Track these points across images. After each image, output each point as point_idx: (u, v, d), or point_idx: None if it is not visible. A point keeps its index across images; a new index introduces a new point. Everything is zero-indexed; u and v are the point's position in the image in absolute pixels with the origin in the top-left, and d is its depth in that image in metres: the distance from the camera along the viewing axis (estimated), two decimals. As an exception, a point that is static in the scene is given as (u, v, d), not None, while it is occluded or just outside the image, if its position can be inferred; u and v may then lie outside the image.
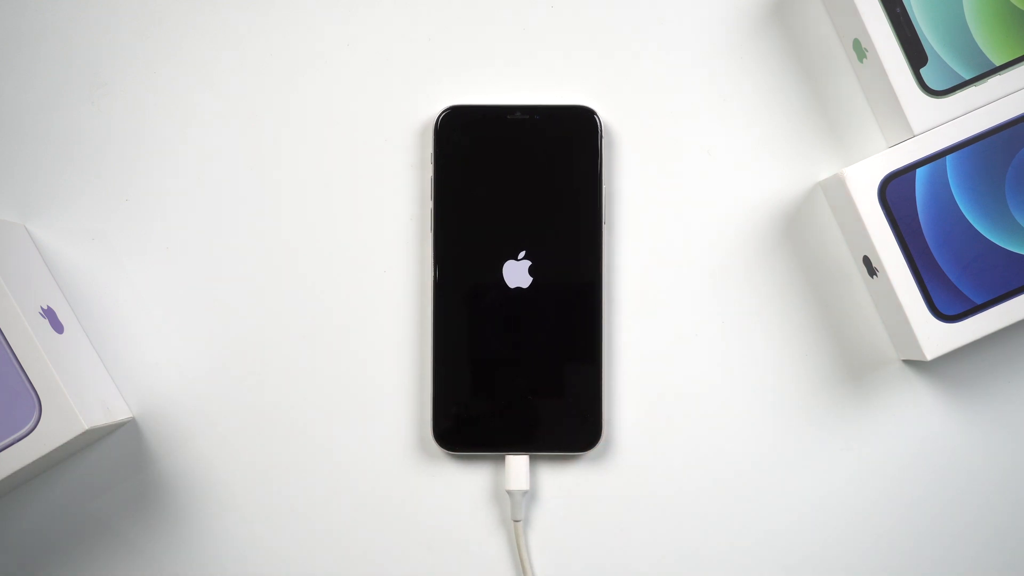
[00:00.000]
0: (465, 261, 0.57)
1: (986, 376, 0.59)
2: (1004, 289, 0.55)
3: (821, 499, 0.58)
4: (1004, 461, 0.59)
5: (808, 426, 0.58)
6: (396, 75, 0.59)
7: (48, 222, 0.58)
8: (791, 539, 0.58)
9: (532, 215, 0.57)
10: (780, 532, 0.58)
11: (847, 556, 0.58)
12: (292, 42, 0.59)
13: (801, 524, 0.58)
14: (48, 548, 0.58)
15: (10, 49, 0.58)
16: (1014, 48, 0.55)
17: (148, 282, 0.58)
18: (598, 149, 0.57)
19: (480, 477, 0.59)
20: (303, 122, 0.59)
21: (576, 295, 0.57)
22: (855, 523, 0.59)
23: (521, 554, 0.58)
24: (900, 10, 0.55)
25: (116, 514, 0.58)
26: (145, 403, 0.58)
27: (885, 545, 0.59)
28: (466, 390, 0.57)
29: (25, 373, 0.52)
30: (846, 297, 0.59)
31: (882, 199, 0.55)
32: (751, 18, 0.59)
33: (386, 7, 0.59)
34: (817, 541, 0.58)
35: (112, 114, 0.58)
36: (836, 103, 0.59)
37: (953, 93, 0.55)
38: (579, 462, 0.59)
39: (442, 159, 0.57)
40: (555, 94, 0.58)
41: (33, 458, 0.51)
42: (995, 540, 0.59)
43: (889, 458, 0.59)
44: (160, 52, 0.58)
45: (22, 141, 0.58)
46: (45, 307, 0.55)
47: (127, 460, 0.58)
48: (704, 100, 0.59)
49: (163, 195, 0.58)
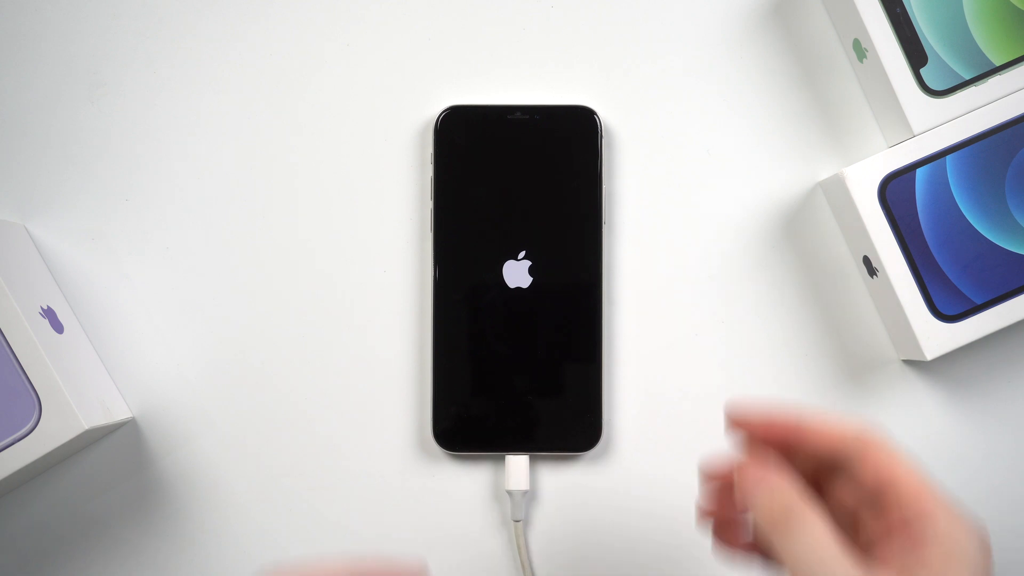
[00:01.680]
0: (465, 261, 0.57)
1: (986, 376, 0.59)
2: (1004, 289, 0.55)
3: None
4: (1004, 461, 0.59)
5: (808, 426, 0.58)
6: (396, 75, 0.59)
7: (48, 222, 0.58)
8: (791, 539, 0.58)
9: (532, 215, 0.57)
10: (780, 532, 0.58)
11: (847, 556, 0.58)
12: (292, 42, 0.59)
13: (801, 524, 0.58)
14: (48, 548, 0.58)
15: (10, 49, 0.58)
16: (1014, 48, 0.55)
17: (148, 282, 0.58)
18: (598, 149, 0.57)
19: (480, 477, 0.59)
20: (303, 122, 0.59)
21: (576, 295, 0.57)
22: (855, 523, 0.59)
23: (521, 554, 0.58)
24: (900, 10, 0.55)
25: (116, 514, 0.58)
26: (145, 403, 0.58)
27: (885, 545, 0.59)
28: (466, 390, 0.57)
29: (25, 373, 0.52)
30: (846, 297, 0.59)
31: (882, 199, 0.55)
32: (751, 18, 0.59)
33: (386, 7, 0.59)
34: (817, 541, 0.58)
35: (112, 114, 0.58)
36: (836, 103, 0.59)
37: (953, 93, 0.55)
38: (579, 462, 0.59)
39: (442, 159, 0.57)
40: (555, 94, 0.58)
41: (33, 458, 0.51)
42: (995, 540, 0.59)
43: (889, 458, 0.59)
44: (160, 52, 0.58)
45: (22, 141, 0.58)
46: (45, 307, 0.55)
47: (127, 460, 0.58)
48: (704, 100, 0.59)
49: (163, 195, 0.58)
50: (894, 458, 0.45)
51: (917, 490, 0.44)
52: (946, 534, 0.44)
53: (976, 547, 0.45)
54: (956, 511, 0.45)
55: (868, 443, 0.46)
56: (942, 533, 0.44)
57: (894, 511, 0.44)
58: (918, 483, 0.45)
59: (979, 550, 0.45)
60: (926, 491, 0.45)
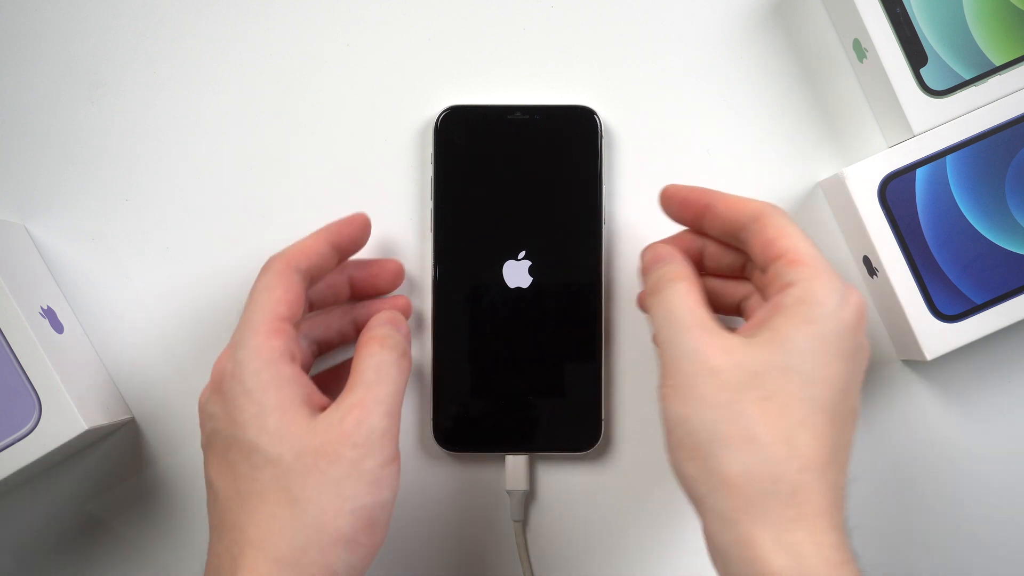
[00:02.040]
0: (465, 261, 0.57)
1: (986, 376, 0.59)
2: (1004, 289, 0.55)
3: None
4: (1004, 461, 0.59)
5: (808, 426, 0.58)
6: (396, 75, 0.59)
7: (48, 222, 0.58)
8: (791, 539, 0.58)
9: (532, 215, 0.57)
10: (780, 532, 0.58)
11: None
12: (292, 42, 0.59)
13: (801, 524, 0.58)
14: (48, 548, 0.58)
15: (10, 49, 0.58)
16: (1014, 48, 0.55)
17: (148, 282, 0.58)
18: (598, 149, 0.57)
19: (480, 477, 0.59)
20: (303, 122, 0.59)
21: (576, 295, 0.57)
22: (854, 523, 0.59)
23: (521, 554, 0.58)
24: (900, 10, 0.55)
25: (116, 514, 0.59)
26: (145, 403, 0.58)
27: (884, 544, 0.59)
28: (466, 390, 0.57)
29: (25, 373, 0.52)
30: (846, 297, 0.59)
31: (882, 199, 0.55)
32: (751, 18, 0.59)
33: (386, 7, 0.59)
34: (817, 541, 0.58)
35: (112, 114, 0.58)
36: (836, 103, 0.59)
37: (953, 93, 0.55)
38: (579, 462, 0.59)
39: (442, 159, 0.57)
40: (555, 94, 0.58)
41: (33, 458, 0.51)
42: (995, 540, 0.59)
43: (889, 458, 0.59)
44: (160, 52, 0.58)
45: (22, 141, 0.58)
46: (45, 307, 0.55)
47: (127, 460, 0.58)
48: (704, 100, 0.59)
49: (163, 195, 0.58)
50: (782, 230, 0.48)
51: (796, 258, 0.47)
52: (812, 297, 0.46)
53: (840, 312, 0.47)
54: (832, 278, 0.47)
55: (761, 216, 0.49)
56: (808, 296, 0.46)
57: (777, 278, 0.47)
58: (798, 251, 0.48)
59: (841, 315, 0.47)
60: (805, 258, 0.47)
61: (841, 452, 0.46)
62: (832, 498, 0.45)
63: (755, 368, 0.45)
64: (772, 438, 0.45)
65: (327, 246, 0.52)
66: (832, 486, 0.45)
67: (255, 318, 0.49)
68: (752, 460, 0.44)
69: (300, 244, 0.52)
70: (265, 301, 0.50)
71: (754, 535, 0.44)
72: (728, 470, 0.45)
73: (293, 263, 0.51)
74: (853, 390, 0.47)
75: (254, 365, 0.48)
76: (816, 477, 0.45)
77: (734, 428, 0.45)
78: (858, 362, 0.48)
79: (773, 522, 0.44)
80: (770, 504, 0.44)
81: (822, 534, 0.44)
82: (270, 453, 0.47)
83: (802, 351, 0.46)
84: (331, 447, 0.47)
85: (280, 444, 0.47)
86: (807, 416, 0.45)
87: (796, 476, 0.44)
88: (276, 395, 0.48)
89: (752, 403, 0.45)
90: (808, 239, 0.48)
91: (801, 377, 0.45)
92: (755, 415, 0.45)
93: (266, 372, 0.48)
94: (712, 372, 0.46)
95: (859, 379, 0.48)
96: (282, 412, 0.47)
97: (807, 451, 0.45)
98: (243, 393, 0.48)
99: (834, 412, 0.46)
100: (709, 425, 0.45)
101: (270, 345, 0.48)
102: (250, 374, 0.48)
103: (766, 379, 0.45)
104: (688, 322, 0.47)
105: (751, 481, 0.44)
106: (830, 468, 0.45)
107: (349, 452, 0.47)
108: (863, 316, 0.48)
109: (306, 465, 0.46)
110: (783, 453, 0.44)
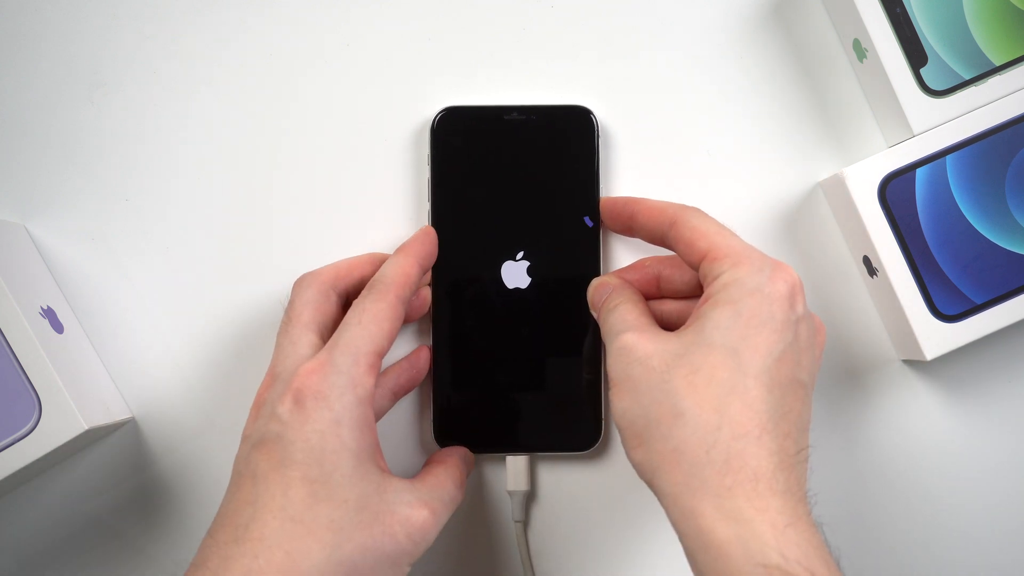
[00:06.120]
0: (463, 262, 0.57)
1: (986, 376, 0.59)
2: (1004, 289, 0.55)
3: (819, 499, 0.58)
4: (1004, 461, 0.59)
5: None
6: (394, 75, 0.59)
7: (48, 222, 0.58)
8: (791, 539, 0.58)
9: (530, 216, 0.57)
10: (780, 532, 0.58)
11: (846, 555, 0.58)
12: (291, 42, 0.59)
13: (801, 524, 0.58)
14: (48, 548, 0.58)
15: (10, 49, 0.58)
16: (1014, 48, 0.55)
17: (148, 282, 0.58)
18: (595, 149, 0.57)
19: (480, 477, 0.59)
20: (302, 122, 0.59)
21: (575, 295, 0.57)
22: (854, 523, 0.59)
23: (522, 554, 0.58)
24: (900, 10, 0.55)
25: (116, 514, 0.59)
26: (145, 403, 0.59)
27: (884, 544, 0.59)
28: (466, 391, 0.57)
29: (25, 373, 0.52)
30: (846, 297, 0.59)
31: (882, 199, 0.55)
32: (751, 18, 0.59)
33: (385, 7, 0.59)
34: (817, 541, 0.58)
35: (112, 114, 0.58)
36: (836, 103, 0.59)
37: (953, 93, 0.55)
38: (579, 462, 0.59)
39: (439, 160, 0.57)
40: (554, 94, 0.58)
41: (33, 458, 0.51)
42: (995, 539, 0.59)
43: (889, 458, 0.59)
44: (160, 52, 0.58)
45: (22, 141, 0.58)
46: (45, 307, 0.55)
47: (127, 460, 0.59)
48: (704, 100, 0.59)
49: (163, 195, 0.58)
50: (697, 231, 0.50)
51: (717, 255, 0.49)
52: (734, 281, 0.48)
53: (764, 287, 0.47)
54: (755, 261, 0.48)
55: (677, 221, 0.51)
56: (730, 281, 0.48)
57: (706, 276, 0.49)
58: (718, 248, 0.49)
59: (765, 289, 0.47)
60: (726, 251, 0.49)
61: (783, 420, 0.46)
62: (774, 464, 0.45)
63: (680, 350, 0.47)
64: (700, 409, 0.46)
65: (419, 269, 0.53)
66: (773, 452, 0.45)
67: (359, 345, 0.49)
68: (682, 433, 0.45)
69: (401, 271, 0.52)
70: (375, 333, 0.49)
71: (695, 506, 0.45)
72: (664, 447, 0.46)
73: (403, 296, 0.51)
74: (791, 359, 0.47)
75: (348, 398, 0.48)
76: (751, 443, 0.45)
77: (665, 407, 0.46)
78: (798, 333, 0.48)
79: (713, 491, 0.45)
80: (706, 474, 0.45)
81: (762, 499, 0.44)
82: (335, 496, 0.47)
83: (726, 327, 0.47)
84: (388, 525, 0.47)
85: (348, 490, 0.47)
86: (736, 384, 0.46)
87: (729, 443, 0.45)
88: (359, 438, 0.48)
89: (679, 379, 0.46)
90: (726, 231, 0.50)
91: (726, 348, 0.46)
92: (682, 390, 0.46)
93: (358, 410, 0.48)
94: (640, 361, 0.47)
95: (801, 350, 0.48)
96: (358, 461, 0.47)
97: (739, 418, 0.45)
98: (331, 421, 0.47)
99: (768, 379, 0.46)
100: (644, 410, 0.47)
101: (366, 382, 0.48)
102: (343, 407, 0.48)
103: (692, 357, 0.46)
104: (621, 328, 0.49)
105: (685, 454, 0.45)
106: (768, 434, 0.45)
107: (403, 540, 0.48)
108: (796, 288, 0.48)
109: (363, 521, 0.47)
110: (713, 422, 0.45)
